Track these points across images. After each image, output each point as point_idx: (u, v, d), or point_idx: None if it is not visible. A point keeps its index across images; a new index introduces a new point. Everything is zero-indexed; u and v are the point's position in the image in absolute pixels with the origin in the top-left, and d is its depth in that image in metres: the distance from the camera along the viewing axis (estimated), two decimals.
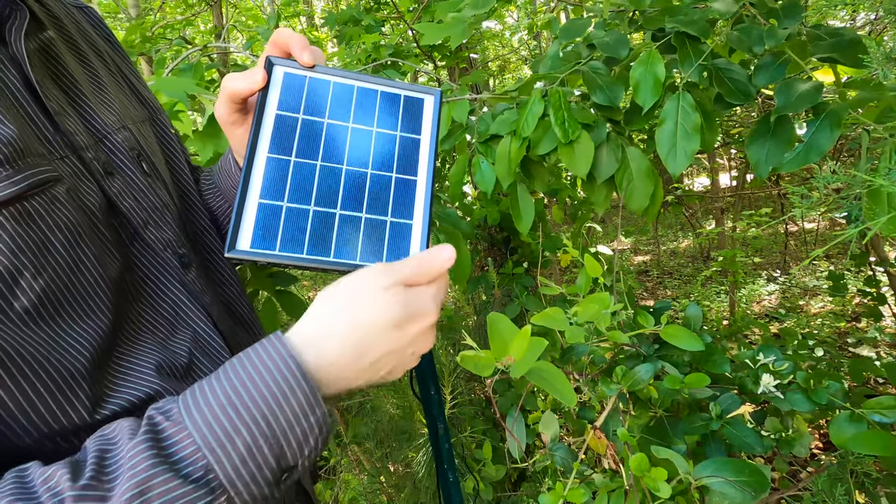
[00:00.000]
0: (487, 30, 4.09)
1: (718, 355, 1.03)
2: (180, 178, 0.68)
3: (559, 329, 0.89)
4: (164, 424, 0.40)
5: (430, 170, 0.59)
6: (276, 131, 0.55)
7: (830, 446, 2.20)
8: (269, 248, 0.52)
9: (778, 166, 0.90)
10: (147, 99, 0.67)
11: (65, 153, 0.49)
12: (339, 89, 0.59)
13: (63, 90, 0.52)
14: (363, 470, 1.77)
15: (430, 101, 0.61)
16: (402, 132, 0.59)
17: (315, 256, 0.53)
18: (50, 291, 0.43)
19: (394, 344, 0.47)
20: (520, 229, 1.15)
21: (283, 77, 0.57)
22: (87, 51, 0.60)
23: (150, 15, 4.00)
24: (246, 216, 0.52)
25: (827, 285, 2.61)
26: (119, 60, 0.66)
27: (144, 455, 0.38)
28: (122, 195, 0.53)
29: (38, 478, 0.38)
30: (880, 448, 0.81)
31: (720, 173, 4.70)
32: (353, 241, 0.54)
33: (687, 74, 0.93)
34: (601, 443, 0.91)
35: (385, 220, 0.56)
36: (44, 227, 0.43)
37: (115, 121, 0.56)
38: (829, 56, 0.88)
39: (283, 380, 0.42)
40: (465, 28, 1.21)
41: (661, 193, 1.10)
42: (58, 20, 0.58)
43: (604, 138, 1.06)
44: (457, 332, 1.97)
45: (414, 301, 0.48)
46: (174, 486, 0.37)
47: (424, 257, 0.51)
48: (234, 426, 0.40)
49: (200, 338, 0.57)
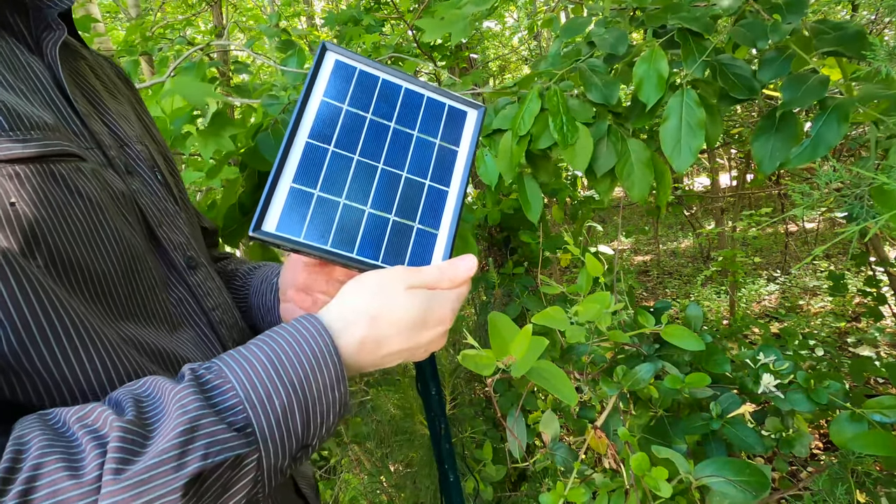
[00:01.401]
0: (487, 29, 4.09)
1: (719, 355, 1.03)
2: (189, 207, 0.69)
3: (560, 329, 0.89)
4: (207, 376, 0.41)
5: (463, 183, 0.58)
6: (319, 118, 0.55)
7: (830, 446, 2.19)
8: (294, 234, 0.52)
9: (785, 162, 0.89)
10: (160, 142, 0.70)
11: (91, 145, 0.51)
12: (387, 87, 0.58)
13: (89, 101, 0.56)
14: (363, 469, 1.77)
15: (473, 116, 0.61)
16: (441, 141, 0.59)
17: (338, 250, 0.53)
18: (66, 251, 0.43)
19: (409, 342, 0.50)
20: (529, 217, 1.15)
21: (333, 64, 0.57)
22: (109, 84, 0.64)
23: (150, 15, 3.99)
24: (276, 198, 0.52)
25: (827, 285, 2.61)
26: (139, 108, 0.69)
27: (192, 398, 0.39)
28: (141, 193, 0.55)
29: (71, 417, 0.38)
30: (881, 448, 0.81)
31: (720, 173, 4.70)
32: (378, 241, 0.54)
33: (691, 71, 0.93)
34: (602, 442, 0.91)
35: (412, 226, 0.56)
36: (65, 191, 0.44)
37: (135, 136, 0.59)
38: (834, 50, 0.87)
39: (319, 351, 0.44)
40: (465, 25, 1.21)
41: (669, 180, 1.10)
42: (84, 58, 0.62)
43: (604, 132, 1.06)
44: (457, 331, 1.97)
45: (434, 304, 0.51)
46: (219, 429, 0.38)
47: (448, 265, 0.53)
48: (274, 386, 0.42)
49: (200, 339, 0.57)
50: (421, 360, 0.65)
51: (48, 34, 0.52)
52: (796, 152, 0.87)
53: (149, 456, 0.35)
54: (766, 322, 3.22)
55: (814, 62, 0.89)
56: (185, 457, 0.36)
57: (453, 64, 2.65)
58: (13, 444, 0.35)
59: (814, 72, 0.87)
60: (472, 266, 0.53)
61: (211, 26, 4.18)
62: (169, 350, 0.51)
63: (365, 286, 0.50)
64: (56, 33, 0.52)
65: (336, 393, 0.45)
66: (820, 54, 0.90)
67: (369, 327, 0.48)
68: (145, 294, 0.51)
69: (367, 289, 0.49)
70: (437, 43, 2.51)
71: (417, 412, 1.74)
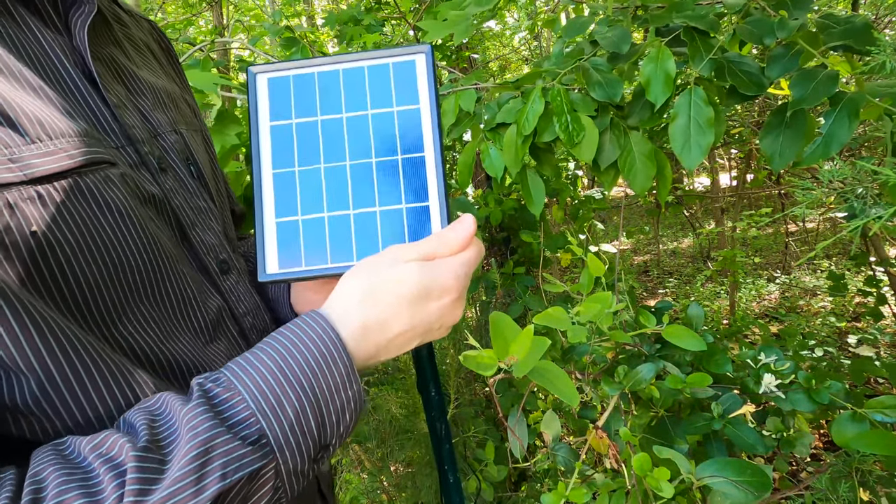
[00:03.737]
0: (488, 29, 4.09)
1: (720, 355, 1.03)
2: (222, 193, 0.67)
3: (561, 329, 0.89)
4: (216, 390, 0.40)
5: (437, 139, 0.54)
6: (275, 145, 0.54)
7: (830, 446, 2.20)
8: (295, 266, 0.52)
9: (798, 160, 0.87)
10: (199, 117, 0.67)
11: (122, 143, 0.48)
12: (325, 78, 0.55)
13: (123, 84, 0.52)
14: (364, 469, 1.77)
15: (422, 61, 0.55)
16: (398, 106, 0.55)
17: (340, 263, 0.52)
18: (94, 271, 0.41)
19: (415, 318, 0.47)
20: (532, 211, 1.14)
21: (267, 84, 0.55)
22: (147, 55, 0.60)
23: (150, 14, 3.99)
24: (267, 239, 0.52)
25: (827, 285, 2.61)
26: (175, 76, 0.66)
27: (203, 417, 0.38)
28: (174, 192, 0.52)
29: (85, 447, 0.37)
30: (882, 447, 0.81)
31: (720, 173, 4.70)
32: (371, 237, 0.53)
33: (698, 69, 0.93)
34: (603, 442, 0.91)
35: (400, 209, 0.54)
36: (93, 205, 0.42)
37: (168, 123, 0.56)
38: (842, 44, 0.85)
39: (327, 350, 0.43)
40: (468, 25, 1.20)
41: (669, 173, 1.09)
42: (123, 23, 0.58)
43: (606, 125, 1.06)
44: (459, 331, 1.97)
45: (431, 273, 0.48)
46: (234, 446, 0.37)
47: (444, 231, 0.51)
48: (284, 392, 0.41)
49: (233, 350, 0.55)
50: (421, 360, 0.65)
51: (77, 9, 0.48)
52: (809, 150, 0.85)
53: (167, 483, 0.35)
54: (767, 322, 3.22)
55: (823, 59, 0.87)
56: (203, 480, 0.35)
57: (454, 64, 2.65)
58: (31, 482, 0.34)
59: (823, 67, 0.86)
60: (470, 227, 0.50)
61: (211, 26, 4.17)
62: (202, 366, 0.49)
63: (358, 271, 0.49)
64: (86, 7, 0.48)
65: (349, 391, 0.44)
66: (827, 49, 0.88)
67: (368, 309, 0.46)
68: (179, 306, 0.49)
69: (360, 273, 0.48)
70: (437, 43, 2.51)
71: (421, 410, 1.74)
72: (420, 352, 0.65)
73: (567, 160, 2.29)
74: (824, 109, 0.86)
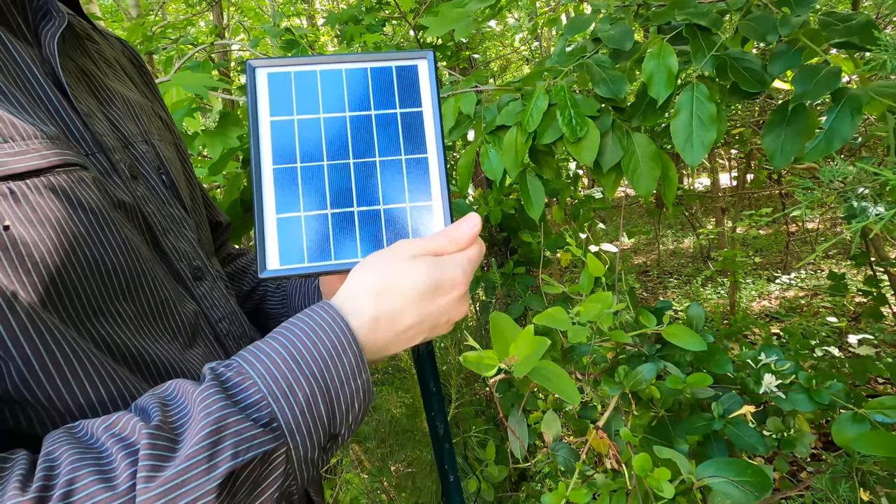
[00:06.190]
0: (489, 29, 4.09)
1: (721, 355, 1.03)
2: (198, 203, 0.67)
3: (562, 329, 0.88)
4: (228, 374, 0.41)
5: (439, 141, 0.56)
6: (275, 140, 0.53)
7: (830, 446, 2.19)
8: (297, 262, 0.52)
9: (800, 157, 0.87)
10: (173, 130, 0.68)
11: (93, 150, 0.49)
12: (327, 77, 0.56)
13: (94, 94, 0.53)
14: (364, 469, 1.77)
15: (424, 66, 0.57)
16: (401, 108, 0.56)
17: (343, 260, 0.53)
18: (69, 267, 0.42)
19: (424, 312, 0.48)
20: (531, 215, 1.14)
21: (267, 79, 0.54)
22: (118, 70, 0.61)
23: (150, 15, 3.99)
24: (268, 235, 0.52)
25: (827, 285, 2.61)
26: (147, 91, 0.66)
27: (215, 398, 0.38)
28: (146, 199, 0.53)
29: (98, 427, 0.37)
30: (883, 448, 0.81)
31: (720, 173, 4.70)
32: (376, 235, 0.54)
33: (700, 66, 0.92)
34: (603, 443, 0.91)
35: (404, 207, 0.54)
36: (66, 204, 0.42)
37: (139, 133, 0.57)
38: (844, 41, 0.85)
39: (337, 340, 0.44)
40: (469, 22, 1.20)
41: (674, 175, 1.09)
42: (93, 41, 0.59)
43: (608, 126, 1.06)
44: (459, 331, 1.97)
45: (439, 267, 0.49)
46: (246, 427, 0.38)
47: (451, 228, 0.52)
48: (295, 378, 0.41)
49: (210, 354, 0.56)
50: (421, 359, 0.65)
51: (47, 22, 0.48)
52: (811, 146, 0.84)
53: (179, 460, 0.35)
54: (767, 322, 3.22)
55: (826, 56, 0.87)
56: (215, 458, 0.36)
57: (454, 64, 2.65)
58: (44, 461, 0.35)
59: (825, 64, 0.86)
60: (476, 224, 0.52)
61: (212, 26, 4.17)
62: (181, 369, 0.50)
63: (369, 265, 0.49)
64: (55, 20, 0.48)
65: (358, 381, 0.44)
66: (830, 46, 0.88)
67: (380, 302, 0.47)
68: (157, 308, 0.49)
69: (371, 267, 0.49)
70: (438, 43, 2.51)
71: (422, 410, 1.74)
72: (420, 350, 0.64)
73: (567, 160, 2.29)
74: (826, 108, 0.86)
